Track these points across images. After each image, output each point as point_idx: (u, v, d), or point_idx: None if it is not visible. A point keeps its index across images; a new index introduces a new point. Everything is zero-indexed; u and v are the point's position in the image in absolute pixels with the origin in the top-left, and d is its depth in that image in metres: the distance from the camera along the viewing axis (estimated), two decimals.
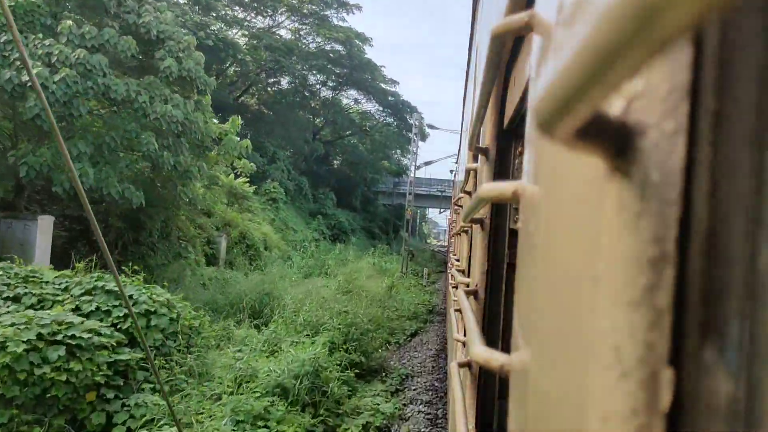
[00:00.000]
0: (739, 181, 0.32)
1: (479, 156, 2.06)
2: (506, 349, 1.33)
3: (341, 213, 35.55)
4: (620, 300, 0.35)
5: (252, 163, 20.72)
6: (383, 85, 40.81)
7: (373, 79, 39.41)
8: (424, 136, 42.95)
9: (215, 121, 14.32)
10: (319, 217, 32.12)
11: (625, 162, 0.36)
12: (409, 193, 27.16)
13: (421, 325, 14.25)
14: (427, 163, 34.77)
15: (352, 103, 43.20)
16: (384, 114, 43.96)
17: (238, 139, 14.38)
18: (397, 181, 48.55)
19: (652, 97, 0.35)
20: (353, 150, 43.53)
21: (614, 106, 0.37)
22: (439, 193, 47.22)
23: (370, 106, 43.36)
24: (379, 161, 45.28)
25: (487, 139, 1.94)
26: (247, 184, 20.08)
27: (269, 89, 37.12)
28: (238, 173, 20.33)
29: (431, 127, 28.72)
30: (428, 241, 79.64)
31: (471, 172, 2.53)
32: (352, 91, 41.67)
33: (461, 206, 3.94)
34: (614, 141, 0.36)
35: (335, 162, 43.68)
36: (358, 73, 38.19)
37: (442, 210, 49.75)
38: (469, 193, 2.77)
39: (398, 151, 46.26)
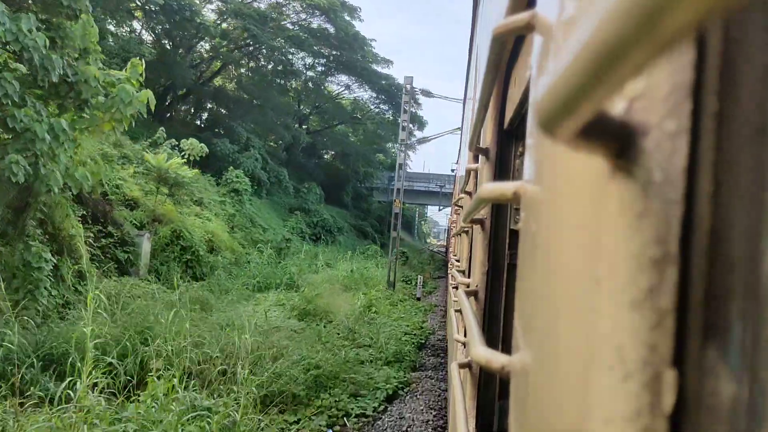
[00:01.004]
0: (742, 181, 0.31)
1: (479, 156, 2.06)
2: (507, 349, 1.33)
3: (326, 209, 31.71)
4: (622, 301, 0.35)
5: (201, 144, 17.31)
6: (375, 67, 36.61)
7: (363, 58, 35.12)
8: (421, 124, 38.55)
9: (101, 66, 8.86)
10: (298, 214, 27.72)
11: (627, 162, 0.36)
12: (399, 178, 19.77)
13: (405, 377, 8.43)
14: (420, 141, 27.71)
15: (344, 90, 39.21)
16: (377, 101, 39.39)
17: (136, 90, 8.80)
18: (393, 175, 44.79)
19: (654, 97, 0.34)
20: (343, 140, 39.37)
21: (616, 106, 0.37)
22: (438, 189, 43.44)
23: (362, 93, 39.41)
24: (373, 154, 41.45)
25: (487, 139, 1.94)
26: (186, 167, 15.58)
27: (248, 72, 33.20)
28: (185, 155, 16.65)
29: (426, 94, 20.72)
30: (428, 240, 78.37)
31: (471, 172, 2.53)
32: (342, 76, 37.67)
33: (462, 206, 3.94)
34: (616, 141, 0.36)
35: (325, 155, 40.48)
36: (347, 52, 34.00)
37: (441, 207, 46.04)
38: (469, 194, 2.77)
39: (394, 143, 41.87)
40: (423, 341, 11.26)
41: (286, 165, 31.43)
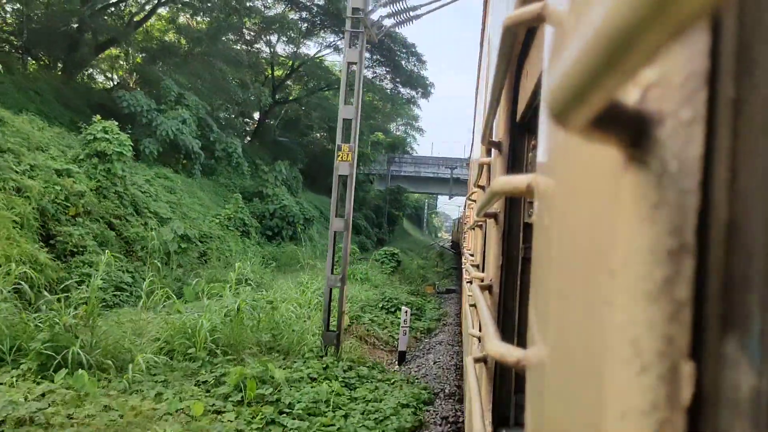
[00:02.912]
0: (759, 169, 0.31)
1: (492, 150, 2.04)
2: (522, 343, 1.33)
3: (306, 196, 24.96)
4: (638, 293, 0.35)
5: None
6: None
7: None
8: (425, 89, 28.54)
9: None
10: (239, 198, 18.39)
11: (641, 152, 0.35)
12: (355, 96, 8.11)
13: None
14: (400, 19, 8.34)
15: (331, 52, 30.93)
16: (373, 62, 29.79)
17: None
18: (395, 159, 36.63)
19: (668, 85, 0.34)
20: (329, 109, 30.15)
21: (630, 95, 0.36)
22: (449, 172, 37.14)
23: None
24: (369, 131, 32.45)
25: (500, 132, 1.93)
26: None
27: (189, 13, 25.55)
28: None
29: None
30: (439, 235, 75.86)
31: (484, 166, 2.52)
32: (330, 36, 29.41)
33: (475, 201, 3.92)
34: (630, 130, 0.35)
35: (310, 131, 33.13)
36: None
37: (451, 196, 39.29)
38: (482, 188, 2.75)
39: (396, 119, 32.93)
40: None
41: (261, 142, 25.21)
